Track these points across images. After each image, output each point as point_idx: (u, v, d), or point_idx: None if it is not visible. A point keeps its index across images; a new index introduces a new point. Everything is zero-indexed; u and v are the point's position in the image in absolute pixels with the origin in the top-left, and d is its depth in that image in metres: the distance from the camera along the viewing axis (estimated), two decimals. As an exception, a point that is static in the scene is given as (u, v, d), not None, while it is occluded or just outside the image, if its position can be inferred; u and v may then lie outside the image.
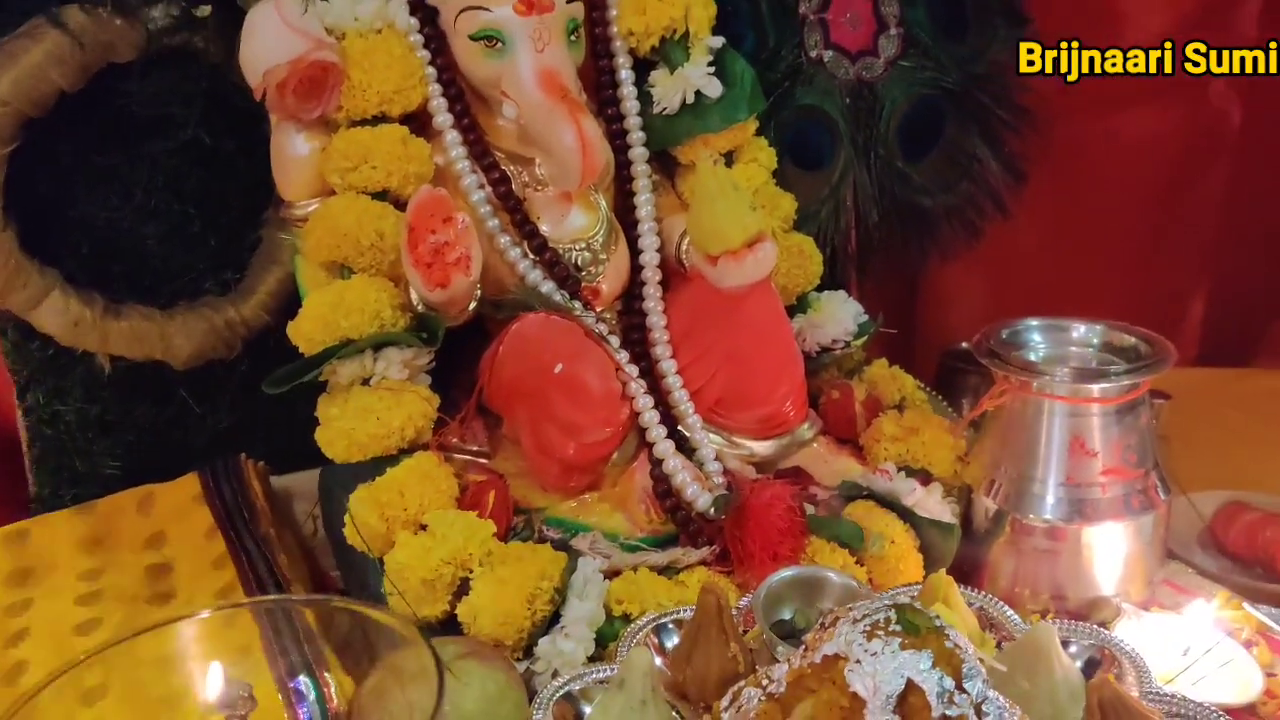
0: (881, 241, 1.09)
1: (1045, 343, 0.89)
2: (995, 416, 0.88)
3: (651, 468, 0.86)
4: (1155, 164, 1.37)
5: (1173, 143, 1.38)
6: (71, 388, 0.93)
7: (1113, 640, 0.74)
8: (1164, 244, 1.43)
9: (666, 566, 0.83)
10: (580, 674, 0.74)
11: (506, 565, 0.76)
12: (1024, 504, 0.85)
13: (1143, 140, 1.35)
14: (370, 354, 0.81)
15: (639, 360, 0.89)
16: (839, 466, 0.93)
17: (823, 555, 0.83)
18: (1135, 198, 1.39)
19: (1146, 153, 1.36)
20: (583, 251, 0.89)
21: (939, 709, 0.58)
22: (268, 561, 0.85)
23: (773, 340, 0.90)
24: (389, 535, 0.78)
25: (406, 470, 0.79)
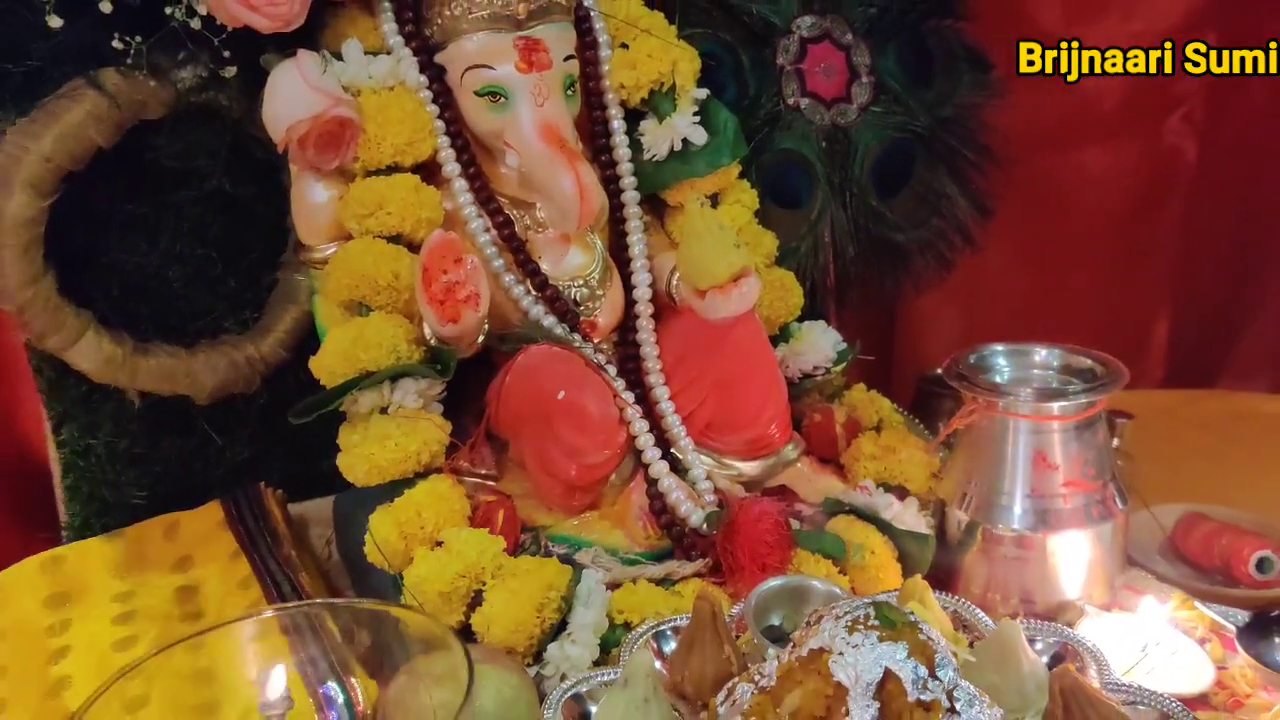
0: (858, 275, 1.16)
1: (1010, 366, 0.96)
2: (965, 435, 0.95)
3: (647, 487, 0.92)
4: (1115, 197, 1.46)
5: (1131, 177, 1.47)
6: (102, 422, 0.99)
7: (1075, 637, 0.81)
8: (1126, 272, 1.52)
9: (663, 578, 0.89)
10: (587, 677, 0.80)
11: (517, 578, 0.83)
12: (993, 515, 0.92)
13: (1103, 175, 1.44)
14: (388, 385, 0.87)
15: (634, 387, 0.96)
16: (822, 484, 1.00)
17: (808, 566, 0.89)
18: (1097, 229, 1.48)
19: (1107, 187, 1.45)
20: (581, 288, 0.96)
21: (914, 694, 0.65)
22: (291, 581, 0.91)
23: (758, 367, 0.97)
24: (407, 552, 0.84)
25: (423, 492, 0.85)
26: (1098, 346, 0.95)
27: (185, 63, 0.92)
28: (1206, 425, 1.39)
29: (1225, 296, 1.58)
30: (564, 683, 0.79)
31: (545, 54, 0.92)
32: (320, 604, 0.81)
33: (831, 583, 0.85)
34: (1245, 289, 1.57)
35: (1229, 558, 1.01)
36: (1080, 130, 1.30)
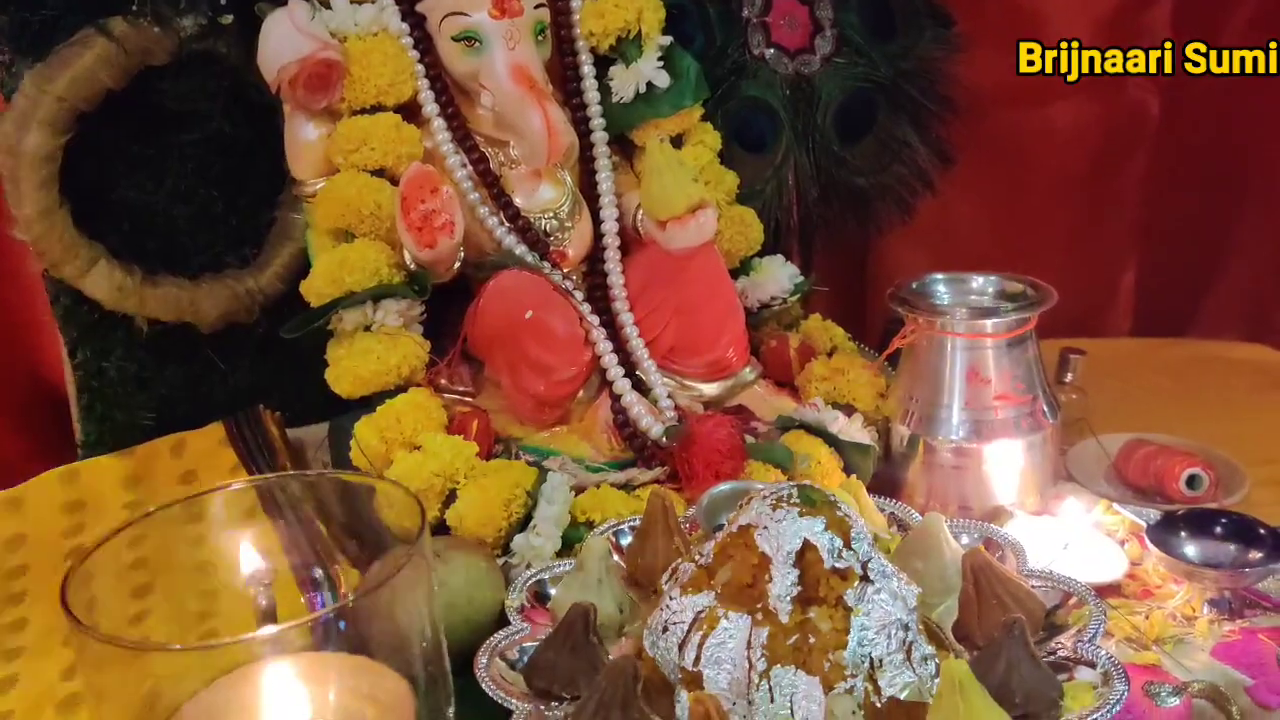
0: (821, 216, 1.23)
1: (949, 291, 1.03)
2: (908, 356, 1.02)
3: (612, 403, 1.00)
4: (1081, 151, 1.51)
5: (1097, 130, 1.52)
6: (114, 347, 1.08)
7: (997, 532, 0.88)
8: (1092, 225, 1.58)
9: (625, 484, 0.97)
10: (549, 566, 0.88)
11: (487, 476, 0.91)
12: (933, 428, 0.99)
13: (1068, 129, 1.49)
14: (370, 304, 0.95)
15: (601, 314, 1.04)
16: (777, 404, 1.07)
17: (759, 475, 0.97)
18: (1064, 181, 1.54)
19: (1072, 140, 1.51)
20: (551, 220, 1.04)
21: (830, 562, 0.72)
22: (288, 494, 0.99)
23: (716, 295, 1.05)
24: (388, 455, 0.92)
25: (403, 402, 0.93)
26: (1064, 298, 1.00)
27: (187, 11, 1.00)
28: (1166, 369, 1.44)
29: (1193, 250, 1.62)
30: (529, 570, 0.87)
31: (516, 2, 1.00)
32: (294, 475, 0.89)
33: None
34: (1213, 243, 1.62)
35: (1162, 476, 1.07)
36: (1045, 85, 1.35)
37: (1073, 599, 0.79)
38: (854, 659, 0.71)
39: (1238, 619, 0.84)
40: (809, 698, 0.70)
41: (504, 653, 0.79)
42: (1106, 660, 0.72)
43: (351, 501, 0.82)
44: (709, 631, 0.73)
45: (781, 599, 0.72)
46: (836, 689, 0.70)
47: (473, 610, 0.84)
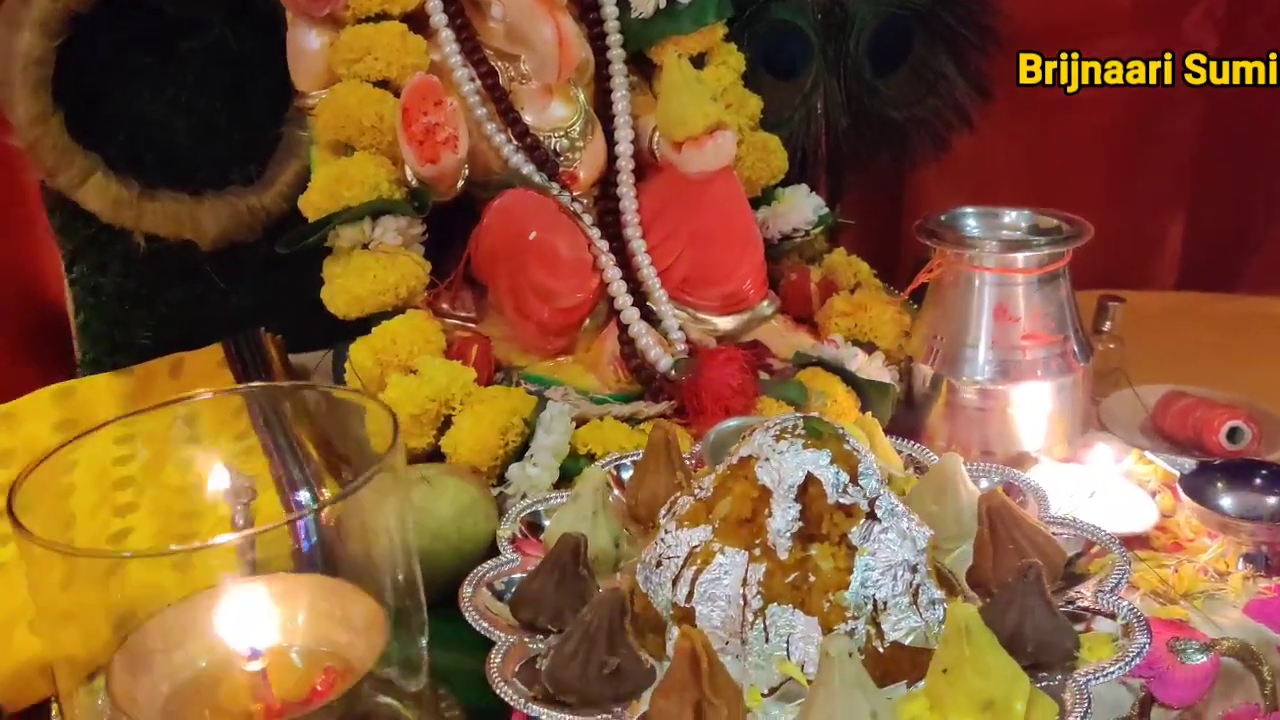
0: (851, 148, 1.18)
1: (979, 226, 0.98)
2: (934, 291, 0.96)
3: (620, 333, 0.96)
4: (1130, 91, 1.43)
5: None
6: (111, 262, 1.05)
7: (1018, 476, 0.83)
8: (1139, 174, 1.51)
9: (630, 417, 0.93)
10: (545, 497, 0.84)
11: (484, 403, 0.87)
12: (957, 368, 0.94)
13: (1118, 68, 1.42)
14: (369, 221, 0.91)
15: (612, 240, 0.99)
16: (794, 340, 1.02)
17: (771, 412, 0.92)
18: (1111, 123, 1.46)
19: (1121, 84, 1.43)
20: (561, 139, 0.99)
21: (834, 497, 0.68)
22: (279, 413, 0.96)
23: (734, 224, 1.00)
24: (382, 378, 0.88)
25: (399, 323, 0.90)
26: (1106, 248, 0.95)
27: (186, -93, 0.96)
28: (1211, 323, 1.38)
29: (1244, 203, 1.55)
30: (523, 501, 0.83)
31: (529, -93, 0.95)
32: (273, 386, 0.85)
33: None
34: (1265, 195, 1.55)
35: (1201, 429, 1.02)
36: (1093, 19, 1.29)
37: (1095, 548, 0.74)
38: (856, 600, 0.67)
39: (1275, 575, 0.78)
40: (806, 639, 0.66)
41: (491, 583, 0.75)
42: (1128, 612, 0.67)
43: (341, 420, 0.78)
44: (704, 567, 0.69)
45: (781, 535, 0.68)
46: (836, 630, 0.66)
47: (462, 539, 0.80)
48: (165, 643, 0.64)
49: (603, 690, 0.65)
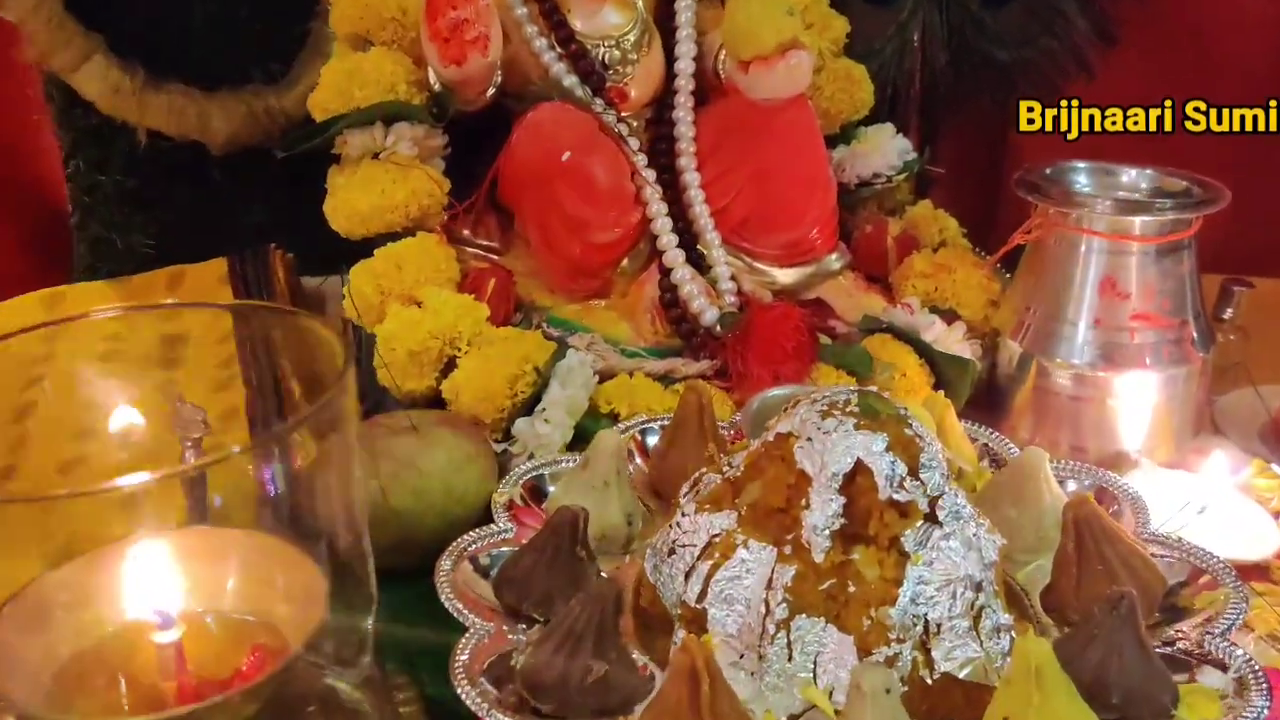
0: (948, 87, 1.04)
1: (1091, 183, 0.83)
2: (1030, 256, 0.83)
3: (660, 278, 0.84)
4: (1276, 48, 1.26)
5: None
6: (112, 158, 0.95)
7: (1113, 480, 0.70)
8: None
9: (664, 375, 0.81)
10: (555, 460, 0.73)
11: (493, 345, 0.75)
12: (1050, 347, 0.80)
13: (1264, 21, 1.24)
14: (381, 127, 0.80)
15: (662, 170, 0.87)
16: (865, 302, 0.89)
17: (828, 380, 0.80)
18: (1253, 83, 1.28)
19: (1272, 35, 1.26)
20: (612, 49, 0.86)
21: (887, 492, 0.56)
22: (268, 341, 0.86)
23: (804, 162, 0.87)
24: (382, 308, 0.77)
25: (407, 245, 0.79)
26: (1237, 224, 0.82)
27: None
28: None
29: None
30: (529, 462, 0.72)
31: None
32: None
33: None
34: None
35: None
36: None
37: (1204, 577, 0.62)
38: (903, 619, 0.55)
39: None
40: (838, 660, 0.55)
41: (475, 556, 0.64)
42: (1243, 663, 0.54)
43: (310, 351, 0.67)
44: (722, 562, 0.59)
45: (818, 532, 0.56)
46: (875, 655, 0.54)
47: (450, 501, 0.69)
48: (69, 599, 0.54)
49: (586, 700, 0.54)
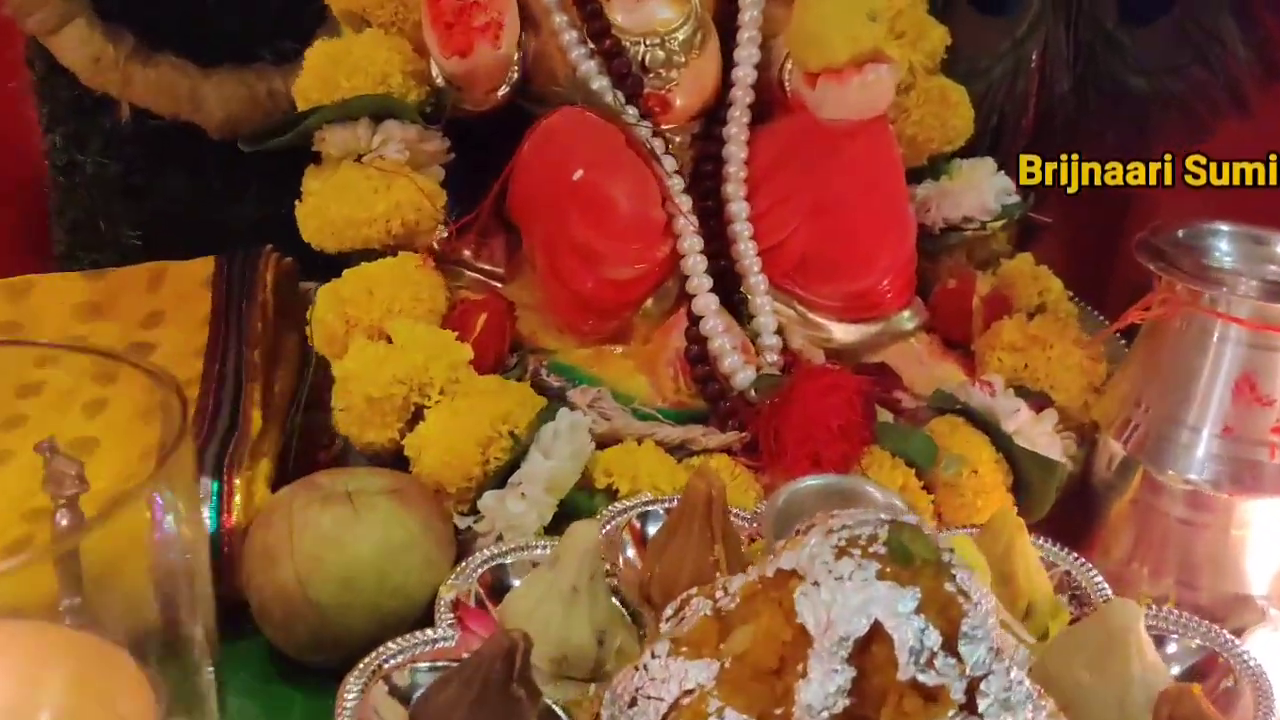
0: (1068, 118, 0.87)
1: (1233, 254, 0.67)
2: (1148, 338, 0.67)
3: (688, 326, 0.70)
4: None
5: None
6: (92, 137, 0.84)
7: (1233, 647, 0.54)
8: None
9: (680, 445, 0.67)
10: (525, 546, 0.59)
11: (468, 398, 0.62)
12: (1163, 455, 0.64)
13: None
14: (368, 124, 0.67)
15: (704, 197, 0.73)
16: (939, 373, 0.74)
17: (881, 470, 0.65)
18: None
19: None
20: (655, 48, 0.72)
21: (910, 669, 0.41)
22: (238, 358, 0.74)
23: (878, 197, 0.72)
24: (346, 340, 0.65)
25: (382, 267, 0.66)
26: None
27: None
28: None
29: None
30: (493, 547, 0.59)
31: None
32: None
33: (900, 498, 0.61)
34: None
35: None
36: None
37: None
38: None
39: None
40: None
41: (391, 675, 0.51)
42: None
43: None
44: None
45: (814, 713, 0.42)
46: None
47: (385, 594, 0.56)
48: None
49: None
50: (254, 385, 0.71)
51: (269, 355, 0.75)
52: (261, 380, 0.72)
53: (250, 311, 0.79)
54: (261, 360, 0.74)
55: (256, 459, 0.65)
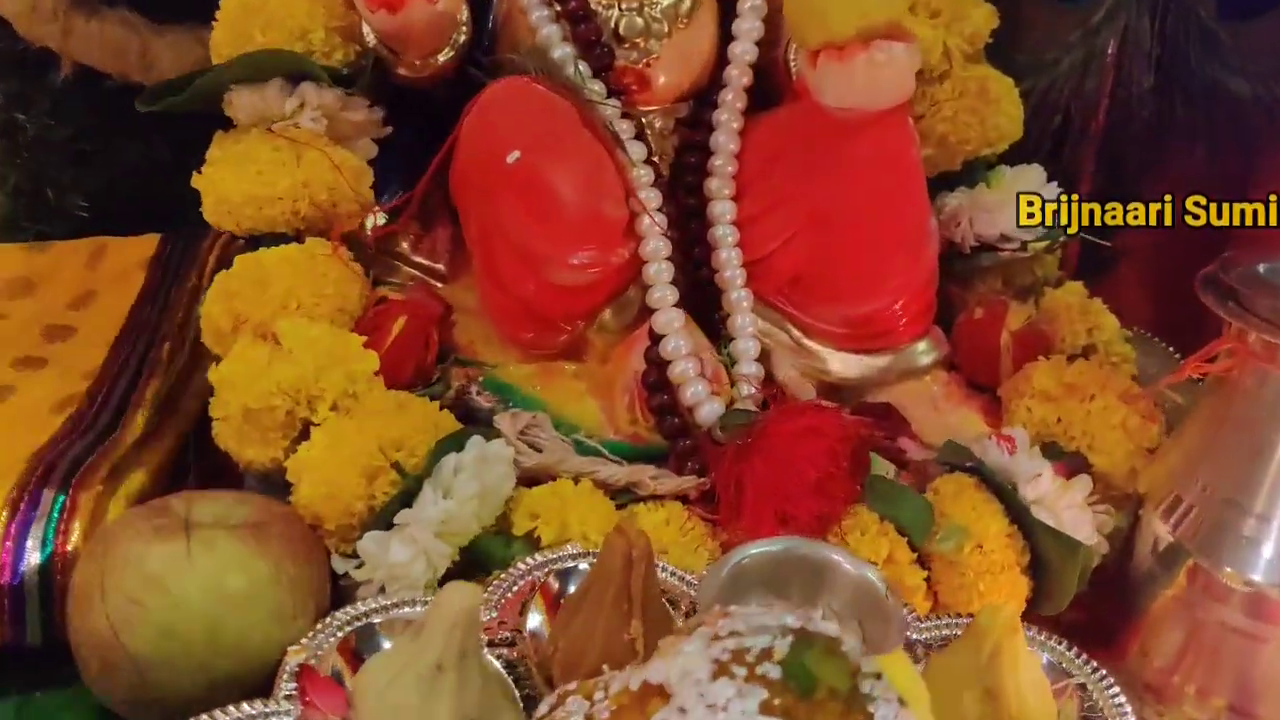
0: (1146, 123, 0.73)
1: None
2: (1212, 398, 0.53)
3: (649, 346, 0.58)
4: None
5: None
6: (36, 97, 0.77)
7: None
8: None
9: (625, 488, 0.55)
10: (406, 602, 0.49)
11: (358, 419, 0.52)
12: (1221, 547, 0.51)
13: None
14: (281, 86, 0.58)
15: (687, 194, 0.61)
16: (955, 420, 0.62)
17: (864, 537, 0.54)
18: None
19: None
20: (632, 14, 0.60)
21: None
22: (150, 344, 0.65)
23: (892, 204, 0.60)
24: (233, 339, 0.55)
25: (278, 255, 0.56)
26: None
27: None
28: None
29: None
30: (366, 602, 0.48)
31: None
32: None
33: (879, 574, 0.49)
34: None
35: None
36: None
37: None
38: None
39: None
40: None
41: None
42: None
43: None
44: None
45: None
46: None
47: (216, 651, 0.47)
48: None
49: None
50: (152, 383, 0.62)
51: (192, 349, 0.66)
52: (168, 378, 0.63)
53: (177, 297, 0.70)
54: (173, 355, 0.65)
55: (124, 472, 0.56)
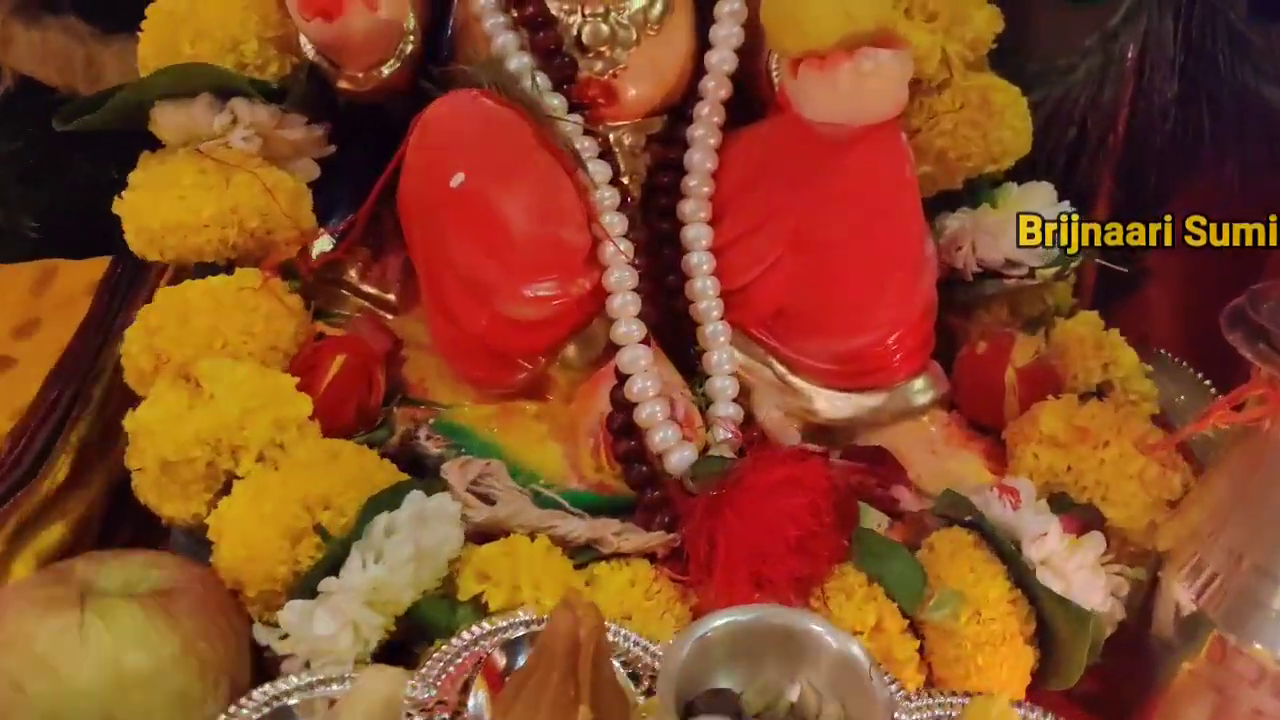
0: (1169, 137, 0.67)
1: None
2: (1239, 449, 0.48)
3: (614, 387, 0.53)
4: None
5: None
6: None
7: None
8: None
9: (585, 545, 0.50)
10: (331, 679, 0.44)
11: (282, 473, 0.47)
12: (1247, 619, 0.46)
13: None
14: (209, 102, 0.53)
15: (658, 218, 0.56)
16: (955, 466, 0.56)
17: (849, 601, 0.48)
18: None
19: None
20: (598, 20, 0.55)
21: None
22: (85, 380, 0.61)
23: (885, 228, 0.55)
24: (152, 381, 0.50)
25: (200, 289, 0.51)
26: None
27: None
28: None
29: None
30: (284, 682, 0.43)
31: None
32: None
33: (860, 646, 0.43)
34: None
35: None
36: None
37: None
38: None
39: None
40: None
41: None
42: None
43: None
44: None
45: None
46: None
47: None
48: None
49: None
50: (81, 423, 0.57)
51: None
52: (99, 420, 0.58)
53: (123, 327, 0.66)
54: (108, 393, 0.60)
55: (38, 525, 0.51)
